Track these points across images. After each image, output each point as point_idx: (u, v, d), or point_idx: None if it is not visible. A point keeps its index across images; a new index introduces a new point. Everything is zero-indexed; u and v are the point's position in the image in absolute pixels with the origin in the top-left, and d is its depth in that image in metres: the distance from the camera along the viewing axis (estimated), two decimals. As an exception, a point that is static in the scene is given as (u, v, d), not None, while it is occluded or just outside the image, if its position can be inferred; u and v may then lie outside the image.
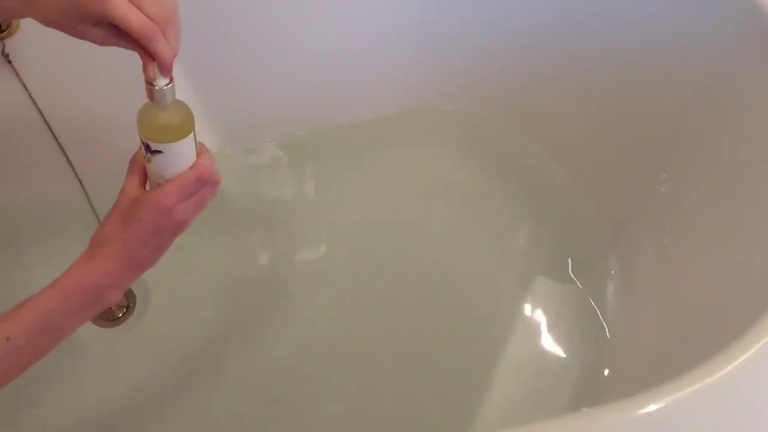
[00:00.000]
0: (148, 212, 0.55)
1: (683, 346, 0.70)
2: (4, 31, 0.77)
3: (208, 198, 0.59)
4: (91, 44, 0.53)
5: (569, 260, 1.00)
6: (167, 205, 0.55)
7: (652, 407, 0.49)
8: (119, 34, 0.49)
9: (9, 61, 0.80)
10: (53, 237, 0.97)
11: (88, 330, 0.93)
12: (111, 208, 0.57)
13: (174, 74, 0.52)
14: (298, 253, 1.01)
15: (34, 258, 0.95)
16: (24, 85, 0.82)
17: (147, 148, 0.55)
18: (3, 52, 0.79)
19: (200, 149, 0.58)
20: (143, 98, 0.54)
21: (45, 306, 0.54)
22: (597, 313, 0.94)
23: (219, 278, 0.98)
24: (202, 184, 0.57)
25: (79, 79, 0.86)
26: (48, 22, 0.51)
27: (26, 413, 0.86)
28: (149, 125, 0.54)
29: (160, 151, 0.54)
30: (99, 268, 0.55)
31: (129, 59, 0.77)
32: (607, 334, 0.92)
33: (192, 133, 0.56)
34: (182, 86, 0.93)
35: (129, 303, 0.95)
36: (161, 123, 0.54)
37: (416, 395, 0.88)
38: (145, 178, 0.58)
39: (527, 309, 0.95)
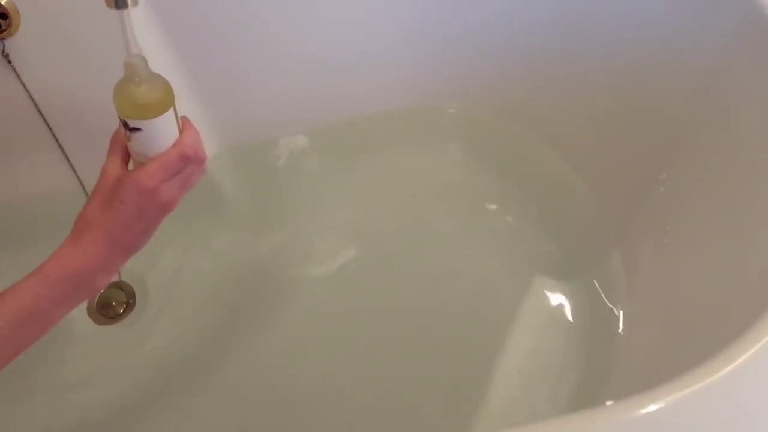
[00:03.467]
0: (130, 194, 0.53)
1: (683, 346, 0.70)
2: (4, 31, 0.77)
3: (194, 176, 0.57)
4: (92, 44, 0.52)
5: (570, 260, 1.00)
6: (150, 185, 0.53)
7: (652, 407, 0.49)
8: None
9: (9, 61, 0.80)
10: (53, 236, 0.96)
11: (88, 327, 0.93)
12: (93, 190, 0.55)
13: (178, 72, 0.51)
14: (298, 252, 1.01)
15: (34, 257, 0.95)
16: (24, 84, 0.82)
17: (125, 125, 0.52)
18: (3, 52, 0.78)
19: (184, 125, 0.56)
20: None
21: (29, 294, 0.52)
22: (597, 313, 0.94)
23: (218, 276, 0.98)
24: (186, 163, 0.54)
25: (79, 78, 0.86)
26: None
27: (25, 409, 0.86)
28: (126, 101, 0.51)
29: (139, 129, 0.52)
30: (83, 253, 0.53)
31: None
32: (608, 334, 0.92)
33: (172, 108, 0.53)
34: (185, 84, 0.93)
35: (129, 300, 0.95)
36: (138, 98, 0.51)
37: (416, 395, 0.88)
38: (126, 156, 0.56)
39: (527, 309, 0.95)
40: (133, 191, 0.53)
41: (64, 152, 0.91)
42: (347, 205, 1.06)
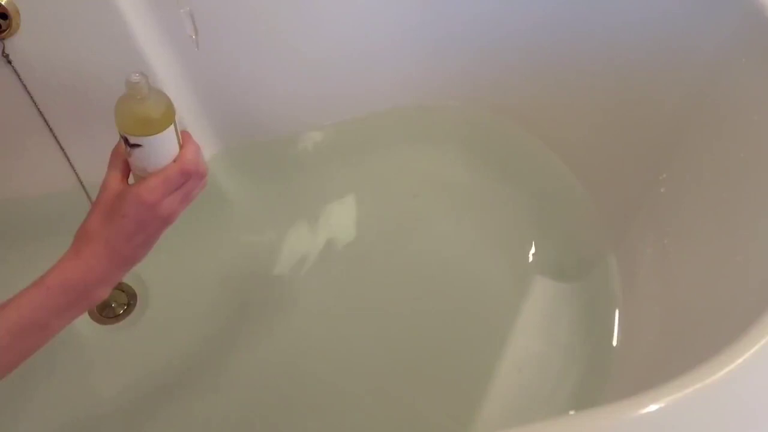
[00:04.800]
0: (131, 208, 0.54)
1: (683, 346, 0.70)
2: (4, 31, 0.77)
3: (195, 191, 0.58)
4: (92, 44, 0.52)
5: (569, 260, 1.00)
6: (151, 200, 0.54)
7: (652, 407, 0.49)
8: None
9: (9, 61, 0.79)
10: (54, 236, 0.96)
11: (88, 327, 0.93)
12: (93, 203, 0.56)
13: (178, 72, 0.51)
14: (298, 251, 1.01)
15: (34, 257, 0.95)
16: (24, 85, 0.82)
17: (126, 141, 0.53)
18: (3, 52, 0.78)
19: (185, 139, 0.56)
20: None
21: (29, 305, 0.53)
22: (597, 313, 0.94)
23: (218, 277, 0.98)
24: (186, 178, 0.55)
25: (79, 79, 0.85)
26: None
27: (26, 409, 0.86)
28: (126, 118, 0.52)
29: (139, 145, 0.53)
30: (83, 265, 0.54)
31: (131, 60, 0.77)
32: (608, 334, 0.92)
33: (172, 124, 0.54)
34: (185, 84, 0.93)
35: (129, 301, 0.95)
36: (139, 115, 0.52)
37: (416, 395, 0.88)
38: (127, 170, 0.57)
39: (527, 309, 0.95)
40: (134, 205, 0.54)
41: (64, 152, 0.91)
42: (348, 205, 1.06)
